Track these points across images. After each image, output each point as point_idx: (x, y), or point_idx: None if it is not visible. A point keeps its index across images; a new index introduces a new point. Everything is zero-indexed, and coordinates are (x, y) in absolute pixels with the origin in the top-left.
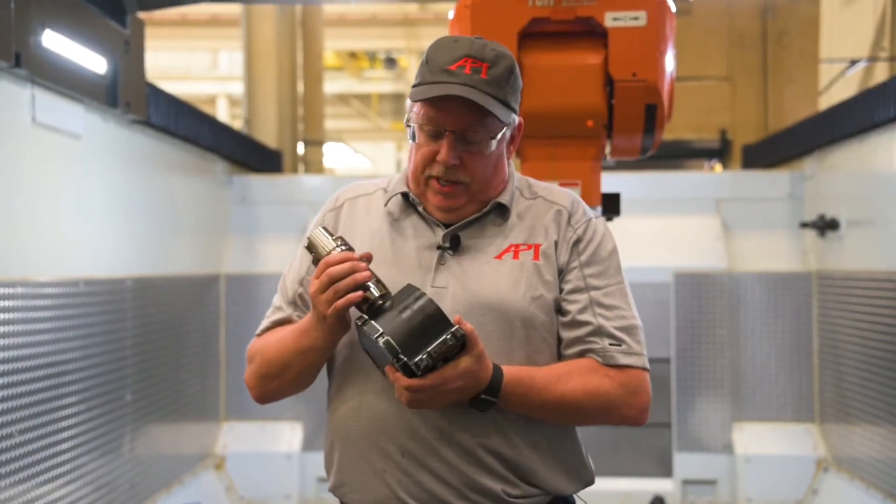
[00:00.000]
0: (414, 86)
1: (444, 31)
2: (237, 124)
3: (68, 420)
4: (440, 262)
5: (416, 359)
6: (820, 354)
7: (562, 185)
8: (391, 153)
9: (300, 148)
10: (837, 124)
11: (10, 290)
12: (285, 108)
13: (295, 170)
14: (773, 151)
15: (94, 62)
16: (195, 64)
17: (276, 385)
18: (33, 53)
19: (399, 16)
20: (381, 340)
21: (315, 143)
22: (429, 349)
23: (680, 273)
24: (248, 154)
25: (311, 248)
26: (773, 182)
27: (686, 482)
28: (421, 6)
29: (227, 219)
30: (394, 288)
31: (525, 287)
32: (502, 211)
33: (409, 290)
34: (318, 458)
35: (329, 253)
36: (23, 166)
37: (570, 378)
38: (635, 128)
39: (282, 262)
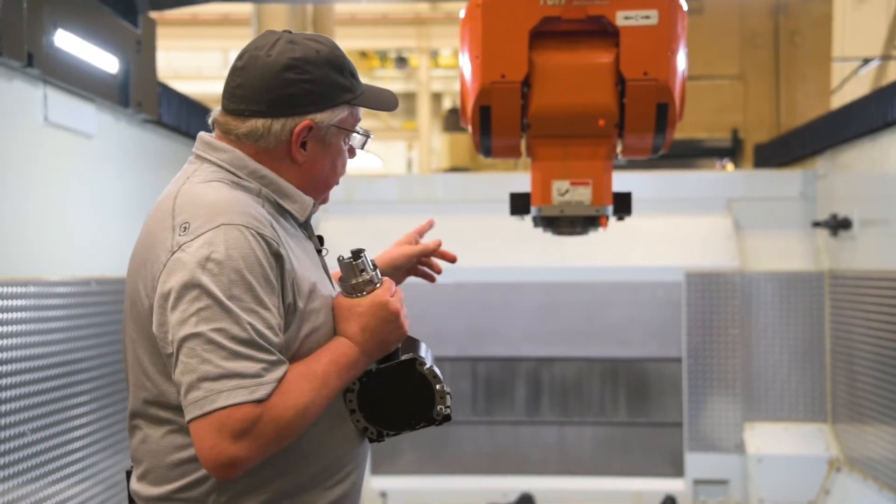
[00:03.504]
0: (352, 98)
1: (455, 31)
2: None
3: (80, 419)
4: (322, 263)
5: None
6: (832, 354)
7: (573, 184)
8: (402, 152)
9: None
10: (850, 123)
11: (23, 290)
12: None
13: None
14: (786, 151)
15: (106, 62)
16: (206, 63)
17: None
18: (46, 53)
19: (410, 15)
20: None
21: None
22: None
23: (691, 273)
24: None
25: (356, 272)
26: (785, 181)
27: (697, 482)
28: (432, 5)
29: None
30: (328, 294)
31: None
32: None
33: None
34: None
35: (374, 279)
36: (35, 166)
37: None
38: (647, 127)
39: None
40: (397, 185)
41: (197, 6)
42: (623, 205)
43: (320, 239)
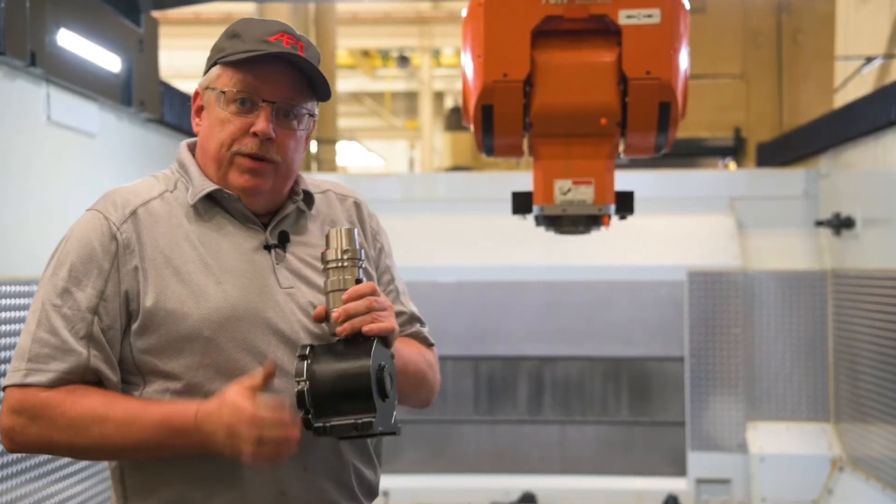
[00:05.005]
0: (220, 58)
1: (457, 30)
2: None
3: None
4: (277, 261)
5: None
6: (835, 353)
7: (575, 183)
8: (404, 151)
9: (313, 146)
10: (853, 122)
11: (27, 289)
12: None
13: (308, 168)
14: (788, 149)
15: (108, 61)
16: None
17: (68, 455)
18: (48, 52)
19: (412, 14)
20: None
21: (328, 141)
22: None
23: (694, 272)
24: None
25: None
26: (787, 180)
27: (700, 481)
28: (434, 4)
29: None
30: (238, 300)
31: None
32: (307, 202)
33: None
34: None
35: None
36: (38, 165)
37: (420, 355)
38: (649, 126)
39: None
40: (399, 185)
41: (199, 5)
42: (625, 204)
43: (283, 235)
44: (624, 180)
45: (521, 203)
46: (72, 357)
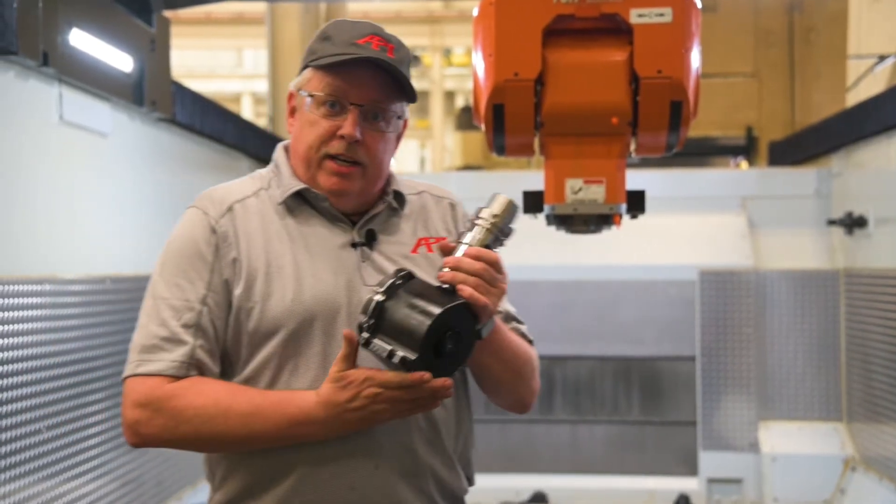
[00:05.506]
0: (311, 60)
1: (468, 29)
2: (262, 122)
3: (96, 416)
4: (363, 259)
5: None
6: (847, 353)
7: (587, 182)
8: (415, 150)
9: None
10: (865, 121)
11: (38, 287)
12: None
13: None
14: (800, 148)
15: (120, 61)
16: (220, 62)
17: (187, 447)
18: (61, 52)
19: (423, 13)
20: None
21: None
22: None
23: (705, 271)
24: (272, 151)
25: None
26: (799, 179)
27: (712, 481)
28: (445, 4)
29: None
30: (323, 295)
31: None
32: (399, 202)
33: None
34: None
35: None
36: (50, 164)
37: (525, 346)
38: (660, 125)
39: None
40: None
41: (211, 5)
42: (637, 203)
43: (371, 234)
44: (635, 180)
45: (532, 202)
46: (180, 347)
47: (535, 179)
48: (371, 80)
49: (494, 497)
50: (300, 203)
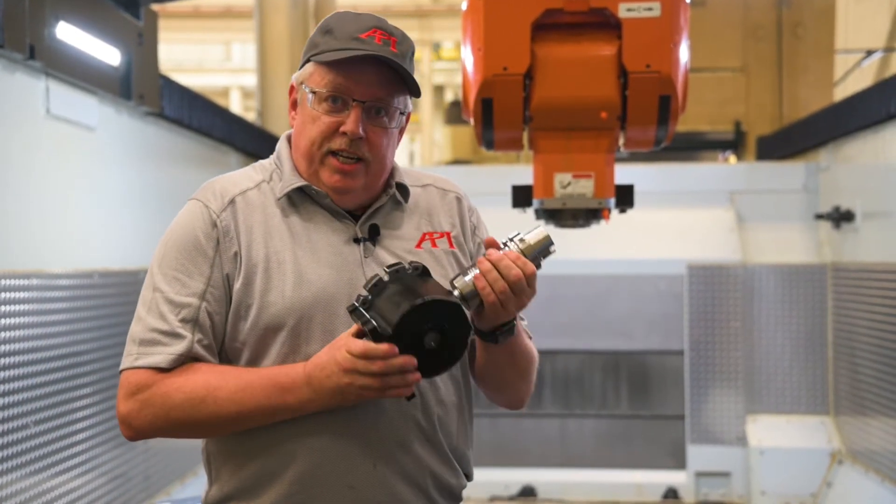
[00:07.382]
0: (313, 54)
1: (456, 23)
2: (250, 116)
3: (83, 411)
4: (366, 255)
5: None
6: (835, 347)
7: (575, 176)
8: (404, 145)
9: None
10: (853, 115)
11: (25, 282)
12: None
13: None
14: (788, 143)
15: (108, 54)
16: (208, 56)
17: (184, 434)
18: (47, 45)
19: (412, 7)
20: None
21: None
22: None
23: (694, 265)
24: (260, 146)
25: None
26: (787, 174)
27: (699, 474)
28: None
29: None
30: (324, 291)
31: (453, 275)
32: (402, 194)
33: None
34: None
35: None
36: (37, 158)
37: (531, 345)
38: (649, 119)
39: None
40: None
41: None
42: (625, 197)
43: (374, 229)
44: (624, 174)
45: (522, 197)
46: (179, 341)
47: (524, 174)
48: (373, 76)
49: (484, 491)
50: (303, 197)
